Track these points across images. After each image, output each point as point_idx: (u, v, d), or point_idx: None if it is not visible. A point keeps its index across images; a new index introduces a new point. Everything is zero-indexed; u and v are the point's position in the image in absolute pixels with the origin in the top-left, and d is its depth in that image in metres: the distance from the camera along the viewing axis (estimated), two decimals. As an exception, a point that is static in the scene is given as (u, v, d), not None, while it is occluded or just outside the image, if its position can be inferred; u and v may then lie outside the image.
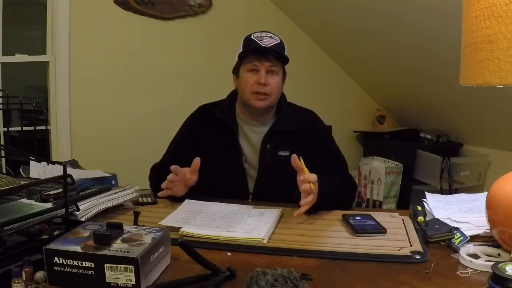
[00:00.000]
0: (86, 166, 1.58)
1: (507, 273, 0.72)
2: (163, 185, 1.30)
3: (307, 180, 1.17)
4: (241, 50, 1.44)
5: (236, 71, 1.49)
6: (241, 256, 0.95)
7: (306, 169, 1.19)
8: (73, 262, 0.76)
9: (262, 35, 1.43)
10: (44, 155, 2.70)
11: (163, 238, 0.86)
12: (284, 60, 1.44)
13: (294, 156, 1.19)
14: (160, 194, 1.31)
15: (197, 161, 1.31)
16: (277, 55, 1.41)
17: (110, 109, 2.86)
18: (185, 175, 1.32)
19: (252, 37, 1.42)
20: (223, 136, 1.49)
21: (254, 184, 1.49)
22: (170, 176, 1.29)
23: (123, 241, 0.82)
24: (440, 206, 1.19)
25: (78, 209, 1.04)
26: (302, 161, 1.19)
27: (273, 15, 3.12)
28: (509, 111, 2.26)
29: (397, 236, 1.07)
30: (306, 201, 1.17)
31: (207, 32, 2.99)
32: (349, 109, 3.43)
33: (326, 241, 1.04)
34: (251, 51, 1.40)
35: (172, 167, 1.29)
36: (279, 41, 1.43)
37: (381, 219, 1.16)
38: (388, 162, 2.95)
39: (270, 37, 1.43)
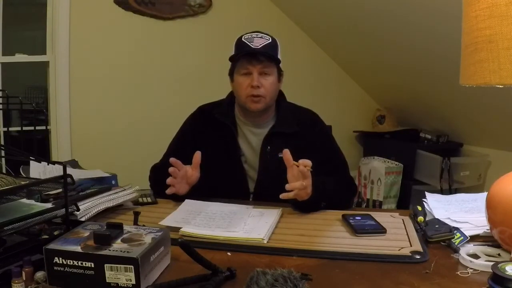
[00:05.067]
0: (86, 166, 1.58)
1: (507, 273, 0.72)
2: (168, 180, 1.29)
3: (303, 164, 1.18)
4: (233, 53, 1.43)
5: (231, 74, 1.49)
6: (241, 256, 0.95)
7: (295, 163, 1.20)
8: (73, 262, 0.76)
9: (253, 36, 1.41)
10: (44, 155, 2.70)
11: (163, 238, 0.86)
12: (277, 60, 1.43)
13: (286, 150, 1.20)
14: (167, 191, 1.30)
15: (197, 155, 1.31)
16: (268, 56, 1.39)
17: (110, 109, 2.86)
18: (187, 172, 1.32)
19: (243, 39, 1.41)
20: (222, 137, 1.49)
21: (255, 185, 1.49)
22: (171, 169, 1.28)
23: (123, 241, 0.82)
24: (440, 206, 1.19)
25: (78, 209, 1.04)
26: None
27: (273, 15, 3.12)
28: (509, 111, 2.26)
29: (397, 236, 1.07)
30: (294, 185, 1.18)
31: (207, 32, 2.99)
32: (349, 109, 3.43)
33: (326, 241, 1.04)
34: (241, 54, 1.40)
35: (172, 159, 1.29)
36: (270, 40, 1.42)
37: (381, 219, 1.16)
38: (388, 162, 2.95)
39: (261, 37, 1.41)
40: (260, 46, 1.38)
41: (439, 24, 2.09)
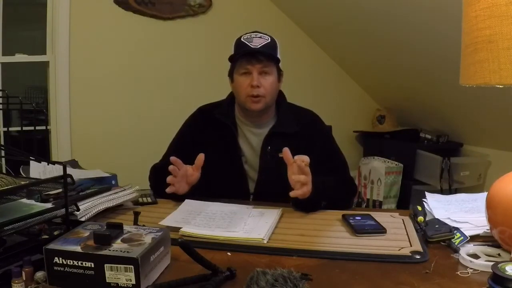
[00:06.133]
0: (86, 166, 1.58)
1: (507, 273, 0.72)
2: (168, 179, 1.29)
3: (301, 160, 1.18)
4: (232, 53, 1.43)
5: (230, 75, 1.49)
6: (241, 256, 0.95)
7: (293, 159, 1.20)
8: (73, 262, 0.76)
9: (252, 36, 1.41)
10: (44, 155, 2.70)
11: (163, 238, 0.86)
12: (276, 59, 1.43)
13: (286, 148, 1.20)
14: (167, 190, 1.30)
15: (201, 157, 1.31)
16: (268, 55, 1.39)
17: (110, 109, 2.86)
18: (187, 171, 1.32)
19: (242, 39, 1.42)
20: (222, 137, 1.49)
21: (255, 185, 1.49)
22: (171, 167, 1.28)
23: (123, 241, 0.82)
24: (440, 206, 1.19)
25: (78, 209, 1.04)
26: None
27: (273, 15, 3.12)
28: (509, 111, 2.26)
29: (397, 236, 1.07)
30: (299, 178, 1.18)
31: (207, 32, 2.99)
32: (349, 109, 3.43)
33: (326, 241, 1.04)
34: (241, 54, 1.40)
35: (172, 158, 1.28)
36: (269, 40, 1.42)
37: (381, 219, 1.16)
38: (388, 162, 2.95)
39: (260, 37, 1.41)
40: (260, 46, 1.38)
41: (439, 24, 2.09)
